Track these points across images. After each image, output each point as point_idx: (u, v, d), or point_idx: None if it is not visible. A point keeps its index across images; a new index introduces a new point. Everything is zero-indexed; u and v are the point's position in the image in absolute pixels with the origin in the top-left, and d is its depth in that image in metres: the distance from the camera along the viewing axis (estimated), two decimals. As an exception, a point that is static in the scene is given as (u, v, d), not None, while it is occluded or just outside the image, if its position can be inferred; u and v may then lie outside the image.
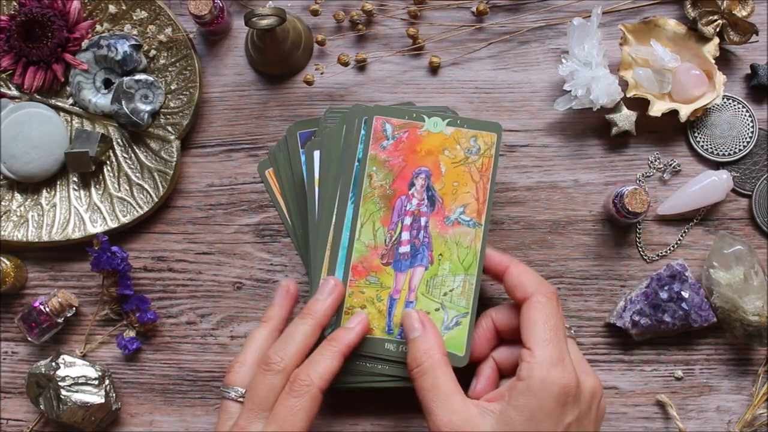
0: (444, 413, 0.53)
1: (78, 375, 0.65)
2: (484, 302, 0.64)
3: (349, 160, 0.60)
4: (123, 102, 0.66)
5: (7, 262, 0.67)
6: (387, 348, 0.60)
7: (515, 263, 0.59)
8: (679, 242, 0.66)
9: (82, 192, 0.68)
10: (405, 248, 0.60)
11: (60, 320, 0.66)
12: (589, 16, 0.64)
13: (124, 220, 0.67)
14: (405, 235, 0.60)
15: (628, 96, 0.65)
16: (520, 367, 0.54)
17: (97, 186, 0.68)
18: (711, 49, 0.65)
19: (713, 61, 0.65)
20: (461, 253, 0.60)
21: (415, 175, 0.60)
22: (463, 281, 0.60)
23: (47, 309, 0.66)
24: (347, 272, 0.60)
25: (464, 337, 0.59)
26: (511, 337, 0.60)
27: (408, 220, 0.60)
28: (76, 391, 0.64)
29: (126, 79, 0.66)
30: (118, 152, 0.69)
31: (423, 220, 0.60)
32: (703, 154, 0.66)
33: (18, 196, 0.69)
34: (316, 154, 0.63)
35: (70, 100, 0.69)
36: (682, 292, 0.63)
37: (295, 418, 0.54)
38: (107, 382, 0.65)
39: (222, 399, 0.58)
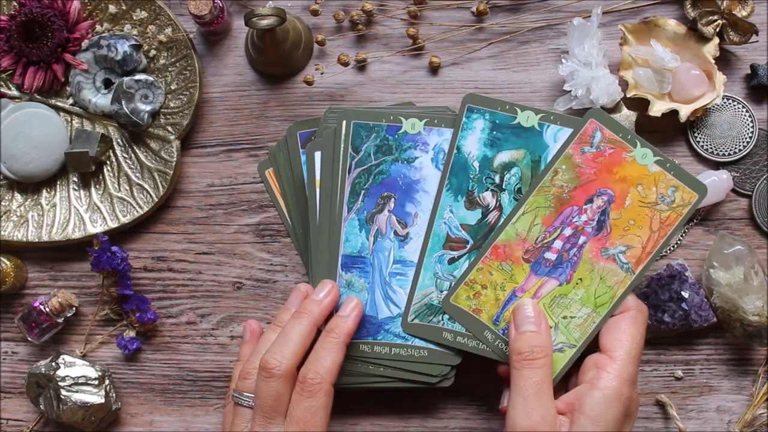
0: (541, 412, 0.53)
1: (78, 375, 0.65)
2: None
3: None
4: (123, 102, 0.66)
5: (7, 262, 0.67)
6: (485, 335, 0.59)
7: None
8: (679, 242, 0.66)
9: (82, 192, 0.68)
10: (551, 255, 0.58)
11: (60, 320, 0.66)
12: (589, 16, 0.64)
13: (124, 220, 0.67)
14: (557, 244, 0.58)
15: (628, 96, 0.65)
16: (597, 374, 0.54)
17: (97, 186, 0.68)
18: (711, 49, 0.65)
19: (713, 61, 0.65)
20: (600, 289, 0.58)
21: (597, 194, 0.58)
22: (588, 316, 0.58)
23: (47, 309, 0.66)
24: (483, 252, 0.59)
25: (560, 366, 0.58)
26: None
27: (568, 231, 0.58)
28: (76, 391, 0.64)
29: (126, 79, 0.66)
30: (118, 152, 0.69)
31: (582, 239, 0.58)
32: (703, 154, 0.66)
33: (18, 196, 0.69)
34: (317, 154, 0.63)
35: (70, 100, 0.69)
36: (682, 292, 0.63)
37: (315, 418, 0.54)
38: (107, 382, 0.65)
39: (235, 405, 0.58)
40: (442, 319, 0.60)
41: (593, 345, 0.58)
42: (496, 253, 0.59)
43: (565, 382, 0.59)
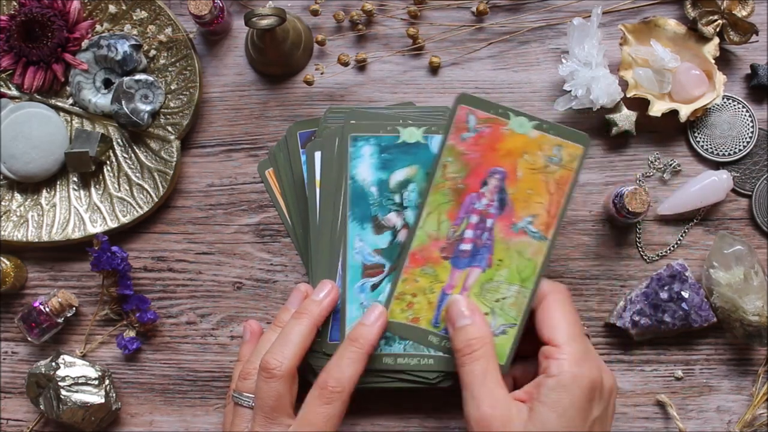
0: (489, 401, 0.53)
1: (78, 375, 0.65)
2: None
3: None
4: (123, 102, 0.66)
5: (7, 262, 0.67)
6: (430, 340, 0.59)
7: None
8: (679, 242, 0.66)
9: (82, 192, 0.68)
10: (466, 246, 0.58)
11: (60, 320, 0.66)
12: (589, 16, 0.64)
13: (124, 220, 0.67)
14: (468, 233, 0.58)
15: (628, 96, 0.65)
16: (547, 365, 0.54)
17: (97, 186, 0.68)
18: (711, 49, 0.65)
19: (713, 61, 0.65)
20: (521, 264, 0.58)
21: (489, 174, 0.58)
22: (518, 292, 0.58)
23: (47, 309, 0.66)
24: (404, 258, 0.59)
25: (508, 347, 0.58)
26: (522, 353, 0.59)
27: (474, 219, 0.58)
28: (76, 391, 0.64)
29: (126, 79, 0.66)
30: (118, 152, 0.69)
31: (489, 221, 0.58)
32: (703, 154, 0.66)
33: (18, 196, 0.69)
34: (317, 154, 0.63)
35: (70, 100, 0.69)
36: (682, 292, 0.63)
37: (328, 425, 0.55)
38: (107, 382, 0.65)
39: (236, 405, 0.58)
40: (379, 346, 0.60)
41: (531, 323, 0.58)
42: (414, 260, 0.59)
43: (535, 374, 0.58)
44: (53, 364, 0.65)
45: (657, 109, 0.64)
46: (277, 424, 0.55)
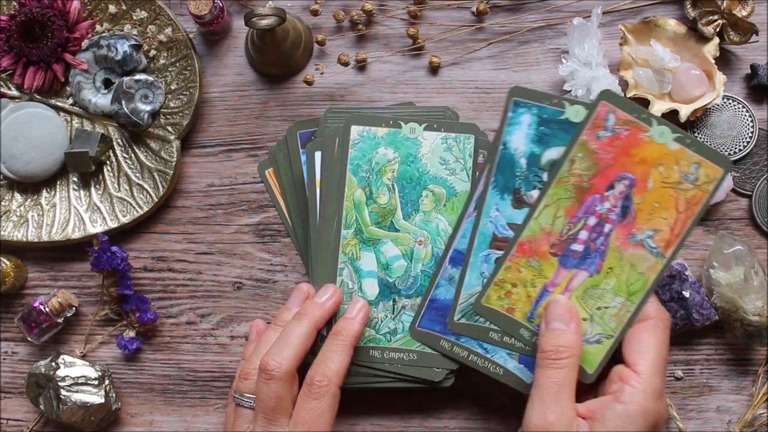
0: (557, 413, 0.52)
1: (78, 375, 0.65)
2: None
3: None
4: (123, 102, 0.66)
5: (7, 262, 0.67)
6: (521, 333, 0.58)
7: None
8: (679, 242, 0.66)
9: (82, 192, 0.68)
10: (578, 247, 0.56)
11: (60, 320, 0.66)
12: (589, 16, 0.64)
13: (124, 220, 0.67)
14: (583, 234, 0.56)
15: (628, 96, 0.65)
16: (620, 388, 0.53)
17: (97, 186, 0.68)
18: (711, 49, 0.65)
19: (713, 61, 0.65)
20: (632, 277, 0.56)
21: (618, 179, 0.55)
22: (622, 305, 0.56)
23: (47, 309, 0.66)
24: (511, 249, 0.57)
25: (600, 357, 0.56)
26: None
27: (592, 221, 0.56)
28: (76, 391, 0.64)
29: (126, 79, 0.66)
30: (118, 152, 0.69)
31: (608, 227, 0.56)
32: (703, 154, 0.66)
33: (18, 196, 0.69)
34: (317, 154, 0.63)
35: (70, 100, 0.69)
36: (683, 292, 0.63)
37: (320, 420, 0.54)
38: (107, 382, 0.65)
39: (237, 406, 0.58)
40: (487, 320, 0.59)
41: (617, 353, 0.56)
42: (522, 250, 0.57)
43: (595, 384, 0.58)
44: (53, 364, 0.65)
45: (657, 109, 0.64)
46: (277, 424, 0.55)
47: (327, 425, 0.55)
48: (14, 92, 0.69)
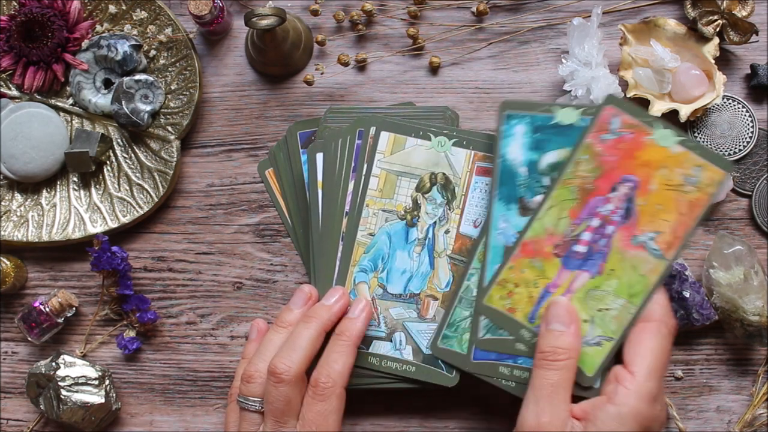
0: (550, 414, 0.52)
1: (78, 375, 0.65)
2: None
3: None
4: (123, 102, 0.66)
5: (7, 262, 0.67)
6: (522, 334, 0.58)
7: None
8: (679, 242, 0.66)
9: (82, 192, 0.68)
10: (581, 248, 0.57)
11: (60, 320, 0.66)
12: (589, 16, 0.64)
13: (124, 220, 0.67)
14: (586, 236, 0.57)
15: (628, 96, 0.65)
16: (614, 389, 0.52)
17: (97, 186, 0.68)
18: (711, 49, 0.65)
19: (713, 61, 0.65)
20: (633, 279, 0.56)
21: (621, 181, 0.56)
22: (623, 307, 0.56)
23: (47, 309, 0.66)
24: (509, 252, 0.58)
25: (599, 360, 0.56)
26: None
27: (595, 222, 0.56)
28: (76, 391, 0.64)
29: (126, 79, 0.66)
30: (118, 152, 0.69)
31: (610, 228, 0.56)
32: (703, 154, 0.66)
33: (18, 196, 0.69)
34: (319, 156, 0.63)
35: (70, 100, 0.69)
36: (683, 292, 0.63)
37: (327, 421, 0.55)
38: (107, 382, 0.65)
39: (242, 410, 0.58)
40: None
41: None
42: (525, 251, 0.58)
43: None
44: (53, 364, 0.65)
45: (657, 109, 0.64)
46: (287, 426, 0.55)
47: (334, 426, 0.55)
48: (14, 92, 0.69)
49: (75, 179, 0.69)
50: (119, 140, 0.69)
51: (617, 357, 0.56)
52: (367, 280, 0.62)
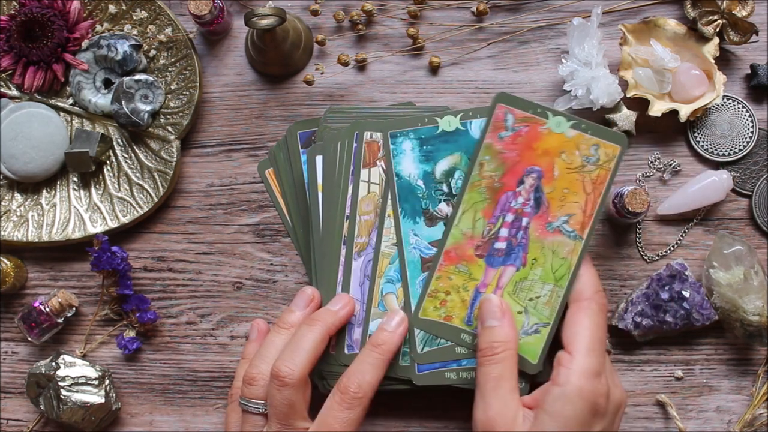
0: (498, 405, 0.53)
1: (78, 375, 0.65)
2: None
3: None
4: (123, 102, 0.66)
5: (7, 262, 0.67)
6: (462, 338, 0.59)
7: (586, 260, 0.58)
8: (679, 242, 0.66)
9: (82, 192, 0.68)
10: (501, 245, 0.59)
11: (60, 320, 0.66)
12: (589, 16, 0.64)
13: (124, 220, 0.67)
14: (504, 232, 0.59)
15: (628, 96, 0.65)
16: (557, 371, 0.53)
17: (97, 186, 0.68)
18: (711, 49, 0.65)
19: (713, 61, 0.65)
20: (555, 263, 0.58)
21: (526, 173, 0.58)
22: (551, 291, 0.58)
23: (47, 309, 0.66)
24: (438, 257, 0.59)
25: (540, 346, 0.58)
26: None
27: (510, 217, 0.58)
28: (76, 391, 0.64)
29: (126, 79, 0.66)
30: (118, 152, 0.69)
31: (525, 220, 0.58)
32: (703, 154, 0.66)
33: (18, 196, 0.69)
34: (318, 158, 0.63)
35: (70, 100, 0.69)
36: (683, 292, 0.63)
37: (348, 429, 0.54)
38: (107, 382, 0.65)
39: (244, 412, 0.58)
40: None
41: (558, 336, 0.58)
42: (449, 258, 0.59)
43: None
44: (53, 364, 0.65)
45: (657, 109, 0.64)
46: (292, 428, 0.55)
47: None
48: (14, 92, 0.69)
49: (75, 179, 0.69)
50: (119, 140, 0.69)
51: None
52: (394, 291, 0.61)
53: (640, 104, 0.66)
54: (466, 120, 0.61)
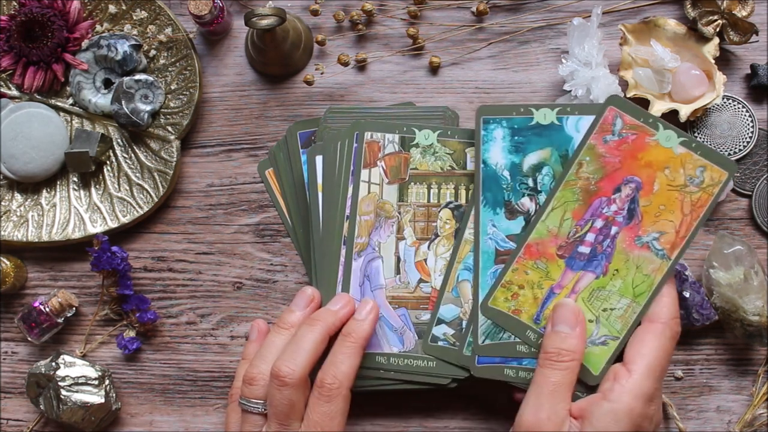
0: (549, 411, 0.52)
1: (78, 375, 0.65)
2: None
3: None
4: (123, 102, 0.66)
5: (7, 262, 0.67)
6: (527, 335, 0.58)
7: (669, 283, 0.57)
8: (679, 242, 0.66)
9: (82, 192, 0.68)
10: (585, 249, 0.57)
11: (60, 320, 0.66)
12: (589, 16, 0.64)
13: (124, 220, 0.67)
14: (590, 237, 0.57)
15: (628, 96, 0.65)
16: (611, 386, 0.53)
17: (97, 186, 0.68)
18: (711, 49, 0.65)
19: (713, 61, 0.65)
20: (637, 278, 0.56)
21: (624, 182, 0.57)
22: (627, 306, 0.56)
23: (47, 309, 0.66)
24: (517, 251, 0.58)
25: (605, 359, 0.57)
26: None
27: (599, 224, 0.57)
28: (76, 391, 0.64)
29: (126, 79, 0.66)
30: (118, 152, 0.69)
31: (614, 229, 0.57)
32: (703, 154, 0.66)
33: (18, 196, 0.69)
34: (318, 158, 0.63)
35: (70, 100, 0.69)
36: (683, 292, 0.63)
37: (333, 423, 0.54)
38: (107, 382, 0.65)
39: (244, 412, 0.58)
40: (512, 335, 0.59)
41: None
42: (529, 252, 0.58)
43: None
44: (53, 364, 0.65)
45: (657, 109, 0.64)
46: (291, 428, 0.55)
47: (339, 427, 0.55)
48: (14, 92, 0.69)
49: (75, 179, 0.69)
50: (119, 140, 0.69)
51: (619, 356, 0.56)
52: (470, 279, 0.61)
53: (640, 104, 0.65)
54: (563, 115, 0.59)
